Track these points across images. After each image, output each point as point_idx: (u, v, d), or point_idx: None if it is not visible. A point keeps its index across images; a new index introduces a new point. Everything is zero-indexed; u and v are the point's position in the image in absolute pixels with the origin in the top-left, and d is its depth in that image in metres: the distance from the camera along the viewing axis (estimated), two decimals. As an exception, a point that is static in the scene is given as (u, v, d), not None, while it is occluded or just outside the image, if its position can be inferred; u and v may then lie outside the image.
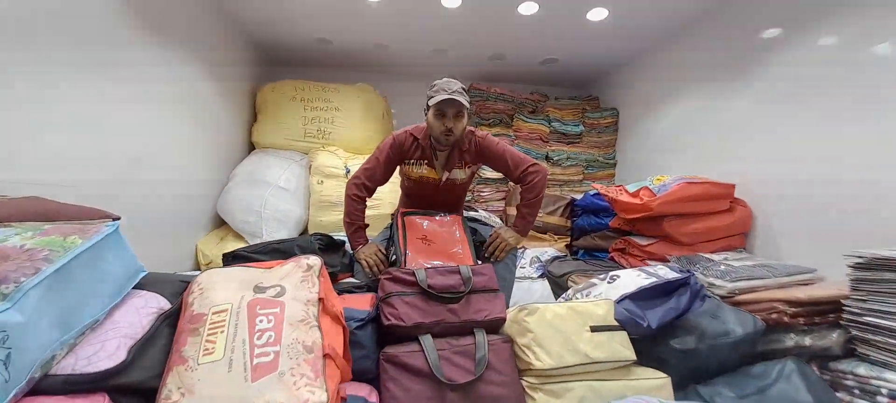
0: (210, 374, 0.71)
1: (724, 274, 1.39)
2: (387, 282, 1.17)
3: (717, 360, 1.11)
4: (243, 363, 0.72)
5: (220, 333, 0.77)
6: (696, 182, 1.73)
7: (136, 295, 0.82)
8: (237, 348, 0.75)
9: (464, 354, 1.06)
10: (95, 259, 0.74)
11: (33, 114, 1.29)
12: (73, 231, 0.75)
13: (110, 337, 0.71)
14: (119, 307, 0.77)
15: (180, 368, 0.72)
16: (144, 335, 0.75)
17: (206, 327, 0.78)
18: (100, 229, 0.77)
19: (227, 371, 0.71)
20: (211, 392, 0.68)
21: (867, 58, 1.42)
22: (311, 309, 0.88)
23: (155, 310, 0.81)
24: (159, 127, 1.97)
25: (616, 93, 3.17)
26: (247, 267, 0.98)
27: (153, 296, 0.83)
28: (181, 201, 2.24)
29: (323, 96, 2.98)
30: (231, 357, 0.73)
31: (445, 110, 1.44)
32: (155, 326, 0.78)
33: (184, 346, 0.75)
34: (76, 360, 0.66)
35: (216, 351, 0.74)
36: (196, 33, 2.29)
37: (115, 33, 1.66)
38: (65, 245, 0.70)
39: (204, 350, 0.74)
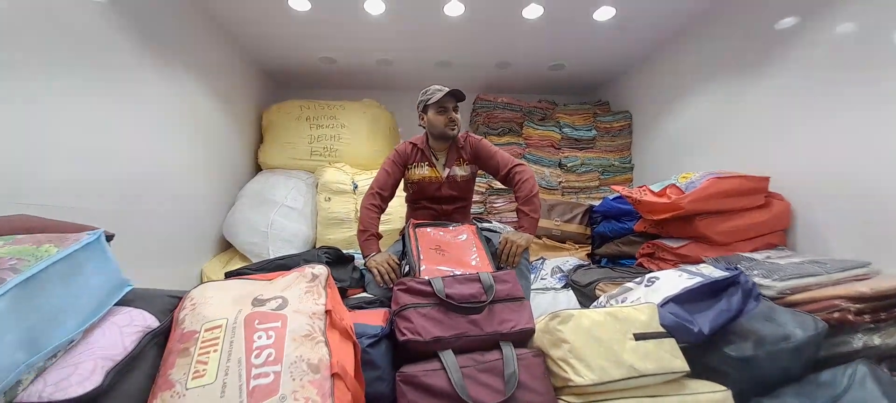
0: (200, 400, 0.60)
1: (771, 272, 1.26)
2: (401, 294, 1.07)
3: (779, 368, 0.97)
4: (239, 386, 0.62)
5: (213, 352, 0.66)
6: (727, 176, 1.61)
7: (120, 312, 0.72)
8: (232, 369, 0.64)
9: (491, 371, 0.93)
10: (72, 270, 0.65)
11: (39, 139, 1.28)
12: (48, 240, 0.66)
13: (85, 359, 0.61)
14: (99, 325, 0.68)
15: (166, 394, 0.61)
16: (126, 357, 0.65)
17: (197, 346, 0.68)
18: (79, 238, 0.69)
19: (219, 397, 0.61)
20: (200, 421, 0.58)
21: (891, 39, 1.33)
22: (317, 323, 0.77)
23: (140, 329, 0.71)
24: (165, 150, 1.97)
25: (627, 96, 3.09)
26: (246, 280, 0.89)
27: (139, 313, 0.74)
28: (186, 224, 2.20)
29: (328, 113, 2.95)
30: (225, 380, 0.63)
31: (446, 104, 1.60)
32: (139, 347, 0.68)
33: (171, 369, 0.65)
34: (45, 386, 0.56)
35: (208, 374, 0.63)
36: (201, 56, 2.30)
37: (119, 55, 1.68)
38: (37, 254, 0.62)
39: (194, 373, 0.63)
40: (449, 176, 1.68)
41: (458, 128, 1.63)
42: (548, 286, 1.85)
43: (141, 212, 1.75)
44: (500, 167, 1.61)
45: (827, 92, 1.56)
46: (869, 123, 1.41)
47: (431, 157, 1.68)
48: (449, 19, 2.36)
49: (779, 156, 1.73)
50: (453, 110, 1.61)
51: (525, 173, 1.56)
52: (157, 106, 1.89)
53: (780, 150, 1.73)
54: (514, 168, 1.58)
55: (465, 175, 1.71)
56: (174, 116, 2.03)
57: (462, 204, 1.77)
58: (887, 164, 1.34)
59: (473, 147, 1.67)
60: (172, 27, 2.02)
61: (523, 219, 1.50)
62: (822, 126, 1.57)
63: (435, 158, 1.69)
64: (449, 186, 1.69)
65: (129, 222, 1.66)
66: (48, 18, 1.33)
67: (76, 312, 0.64)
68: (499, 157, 1.63)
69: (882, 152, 1.36)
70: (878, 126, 1.38)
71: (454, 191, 1.71)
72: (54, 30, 1.34)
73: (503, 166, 1.60)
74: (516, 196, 1.55)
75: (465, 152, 1.68)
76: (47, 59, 1.31)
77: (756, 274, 1.24)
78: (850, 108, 1.47)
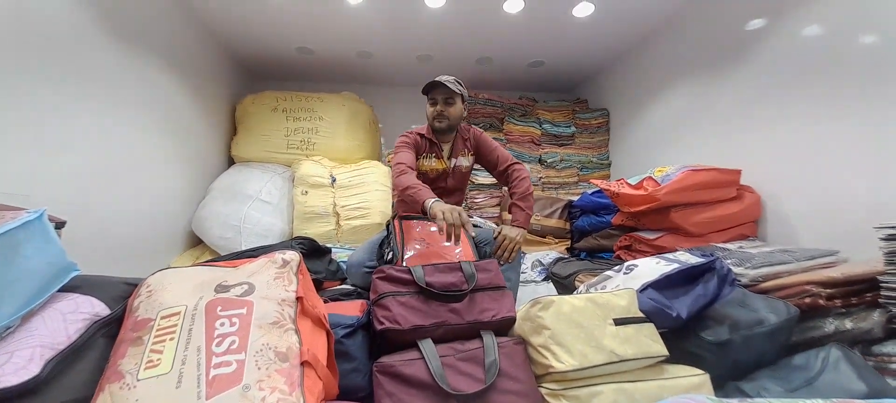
0: (153, 392, 0.55)
1: (743, 261, 1.29)
2: (379, 282, 1.03)
3: (754, 352, 0.99)
4: (197, 376, 0.57)
5: (169, 341, 0.61)
6: (701, 169, 1.65)
7: (64, 298, 0.66)
8: (190, 358, 0.59)
9: (471, 360, 0.91)
10: (8, 250, 0.58)
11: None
12: (-20, 217, 0.59)
13: (22, 348, 0.54)
14: (39, 312, 0.61)
15: (114, 386, 0.55)
16: (71, 346, 0.59)
17: (151, 334, 0.62)
18: (17, 215, 0.62)
19: (174, 388, 0.55)
20: (152, 413, 0.53)
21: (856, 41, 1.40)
22: (286, 310, 0.72)
23: (87, 317, 0.65)
24: (130, 141, 1.87)
25: (604, 95, 3.15)
26: (209, 267, 0.83)
27: (86, 300, 0.67)
28: (154, 218, 2.10)
29: (306, 106, 2.87)
30: (181, 369, 0.57)
31: (435, 96, 1.59)
32: (86, 336, 0.62)
33: (121, 359, 0.59)
34: (-32, 379, 0.50)
35: (162, 363, 0.58)
36: (170, 44, 2.20)
37: (84, 41, 1.58)
38: (-37, 233, 0.55)
39: (147, 363, 0.58)
40: (455, 166, 1.68)
41: (447, 120, 1.58)
42: (528, 279, 1.85)
43: (103, 205, 1.66)
44: (500, 162, 1.65)
45: (794, 89, 1.62)
46: (833, 119, 1.46)
47: (439, 149, 1.66)
48: (429, 10, 2.34)
49: (750, 150, 1.78)
50: (443, 101, 1.58)
51: (523, 171, 1.62)
52: (120, 92, 1.79)
53: (751, 144, 1.79)
54: (513, 165, 1.63)
55: (467, 166, 1.72)
56: (139, 104, 1.93)
57: (458, 196, 1.77)
58: (851, 156, 1.40)
59: (476, 139, 1.70)
60: (139, 10, 1.91)
61: (518, 213, 1.52)
62: (790, 121, 1.63)
63: (441, 149, 1.67)
64: (453, 177, 1.69)
65: (91, 215, 1.57)
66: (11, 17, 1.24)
67: (12, 296, 0.57)
68: (499, 153, 1.68)
69: (846, 145, 1.42)
70: (842, 121, 1.44)
71: (456, 182, 1.72)
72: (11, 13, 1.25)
73: (502, 162, 1.65)
74: (512, 191, 1.59)
75: (469, 143, 1.70)
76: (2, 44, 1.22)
77: (730, 262, 1.26)
78: (817, 104, 1.53)
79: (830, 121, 1.48)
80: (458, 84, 1.60)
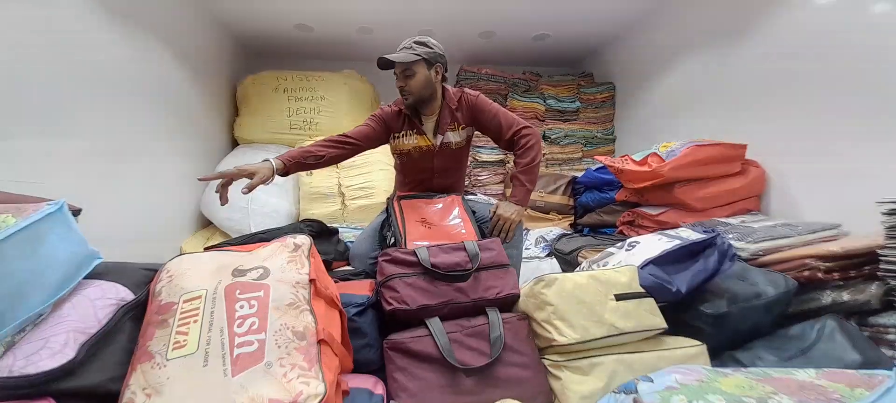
0: (182, 370, 0.59)
1: (745, 235, 1.31)
2: (386, 264, 1.06)
3: (751, 324, 1.02)
4: (222, 355, 0.61)
5: (194, 323, 0.65)
6: (707, 144, 1.64)
7: (91, 285, 0.69)
8: (214, 339, 0.63)
9: (477, 335, 0.95)
10: (34, 241, 0.61)
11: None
12: (6, 209, 0.62)
13: (57, 333, 0.58)
14: (68, 299, 0.65)
15: (146, 366, 0.59)
16: (101, 330, 0.63)
17: (176, 317, 0.65)
18: (39, 208, 0.64)
19: (201, 366, 0.59)
20: (183, 390, 0.57)
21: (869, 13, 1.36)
22: (301, 292, 0.76)
23: (114, 302, 0.68)
24: (136, 125, 1.87)
25: (610, 68, 3.09)
26: (224, 251, 0.86)
27: (112, 286, 0.71)
28: (163, 202, 2.13)
29: (307, 85, 2.84)
30: (207, 349, 0.61)
31: (395, 73, 1.37)
32: (114, 320, 0.66)
33: (150, 341, 0.63)
34: (15, 360, 0.54)
35: (189, 344, 0.62)
36: (170, 26, 2.17)
37: (89, 30, 1.57)
38: (-7, 225, 0.58)
39: (174, 344, 0.62)
40: (443, 143, 1.43)
41: (411, 95, 1.36)
42: (532, 255, 1.88)
43: (112, 190, 1.68)
44: (504, 129, 1.38)
45: (804, 63, 1.58)
46: (843, 93, 1.44)
47: (419, 124, 1.43)
48: (430, -19, 2.27)
49: (756, 124, 1.76)
50: (403, 77, 1.35)
51: (532, 138, 1.36)
52: (124, 78, 1.78)
53: (758, 118, 1.76)
54: (521, 131, 1.37)
55: (461, 141, 1.46)
56: (142, 88, 1.92)
57: (456, 176, 1.56)
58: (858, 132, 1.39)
59: (470, 106, 1.42)
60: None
61: (518, 189, 1.35)
62: (798, 94, 1.60)
63: (422, 124, 1.44)
64: (442, 156, 1.46)
65: (102, 200, 1.59)
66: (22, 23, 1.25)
67: (42, 286, 0.61)
68: (502, 117, 1.39)
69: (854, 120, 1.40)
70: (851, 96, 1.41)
71: (448, 161, 1.48)
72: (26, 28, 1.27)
73: (507, 128, 1.38)
74: (517, 162, 1.37)
75: (461, 113, 1.43)
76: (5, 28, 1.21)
77: (731, 237, 1.28)
78: (826, 77, 1.50)
79: (840, 95, 1.45)
80: (421, 45, 1.36)
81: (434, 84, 1.38)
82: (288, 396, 0.58)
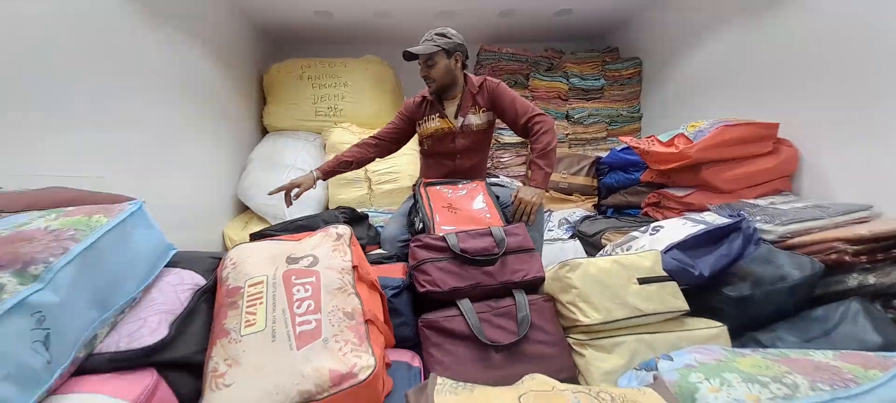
0: (254, 345, 0.69)
1: (773, 217, 1.30)
2: (418, 250, 1.13)
3: (774, 306, 1.05)
4: (286, 332, 0.70)
5: (260, 305, 0.74)
6: (736, 124, 1.61)
7: (170, 272, 0.80)
8: (278, 318, 0.72)
9: (505, 315, 1.02)
10: (123, 237, 0.71)
11: (54, 110, 1.30)
12: (97, 210, 0.72)
13: (151, 314, 0.69)
14: (154, 285, 0.75)
15: (224, 341, 0.70)
16: (184, 310, 0.73)
17: (244, 300, 0.75)
18: (123, 208, 0.74)
19: (270, 341, 0.69)
20: (257, 361, 0.66)
21: None
22: (346, 277, 0.84)
23: (191, 287, 0.79)
24: (175, 118, 1.98)
25: (637, 42, 2.99)
26: (276, 241, 0.95)
27: (187, 273, 0.81)
28: (203, 188, 2.27)
29: (330, 72, 2.90)
30: (273, 327, 0.71)
31: (419, 64, 1.53)
32: (193, 302, 0.76)
33: (225, 319, 0.73)
34: (119, 338, 0.64)
35: (258, 322, 0.71)
36: (198, 18, 2.24)
37: (134, 32, 1.66)
38: (90, 224, 0.68)
39: (246, 322, 0.71)
40: (463, 125, 1.55)
41: (434, 82, 1.51)
42: (555, 237, 1.91)
43: (157, 179, 1.79)
44: (519, 115, 1.48)
45: (841, 36, 1.51)
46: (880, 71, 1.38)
47: (441, 108, 1.57)
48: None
49: (790, 101, 1.71)
50: (426, 67, 1.50)
51: (545, 124, 1.44)
52: (163, 74, 1.88)
53: (792, 95, 1.71)
54: (534, 117, 1.45)
55: (481, 123, 1.57)
56: (179, 82, 2.02)
57: (478, 158, 1.65)
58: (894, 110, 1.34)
59: (491, 92, 1.54)
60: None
61: (536, 173, 1.41)
62: (834, 70, 1.54)
63: (443, 108, 1.58)
64: (464, 137, 1.57)
65: (148, 188, 1.69)
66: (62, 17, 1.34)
67: (133, 275, 0.71)
68: (518, 104, 1.49)
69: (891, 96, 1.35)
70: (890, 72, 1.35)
71: (469, 141, 1.58)
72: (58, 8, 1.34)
73: (522, 114, 1.47)
74: (533, 147, 1.46)
75: (482, 98, 1.55)
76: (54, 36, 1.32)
77: (758, 219, 1.29)
78: (864, 53, 1.43)
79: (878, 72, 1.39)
80: (441, 36, 1.49)
81: (454, 71, 1.53)
82: (345, 367, 0.67)
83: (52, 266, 0.58)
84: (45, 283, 0.56)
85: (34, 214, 0.69)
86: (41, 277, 0.56)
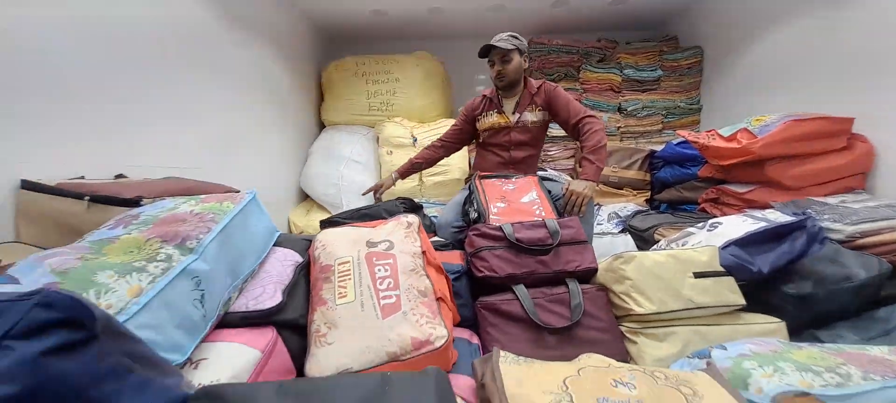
0: (347, 313, 0.82)
1: (842, 216, 1.25)
2: (475, 238, 1.22)
3: (836, 305, 1.03)
4: (372, 303, 0.83)
5: (349, 280, 0.87)
6: (806, 119, 1.54)
7: (277, 251, 0.96)
8: (365, 292, 0.85)
9: (558, 302, 1.09)
10: (245, 220, 0.87)
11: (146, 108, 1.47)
12: (224, 198, 0.88)
13: (268, 283, 0.84)
14: (267, 260, 0.91)
15: (322, 308, 0.84)
16: (291, 281, 0.88)
17: (335, 275, 0.89)
18: (243, 197, 0.90)
19: (360, 310, 0.82)
20: (351, 326, 0.80)
21: None
22: (418, 260, 0.96)
23: (292, 263, 0.94)
24: (244, 113, 2.16)
25: (699, 29, 2.85)
26: (353, 227, 1.09)
27: (290, 252, 0.97)
28: (270, 178, 2.50)
29: (383, 69, 3.05)
30: (361, 299, 0.84)
31: (492, 58, 1.67)
32: (296, 275, 0.91)
33: (321, 291, 0.87)
34: (247, 301, 0.80)
35: (348, 295, 0.85)
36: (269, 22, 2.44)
37: (209, 33, 1.85)
38: (222, 209, 0.84)
39: (339, 294, 0.85)
40: (519, 121, 1.71)
41: (506, 78, 1.66)
42: (604, 231, 1.93)
43: (229, 169, 1.95)
44: (571, 116, 1.62)
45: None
46: None
47: (499, 105, 1.74)
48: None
49: (866, 95, 1.59)
50: (500, 61, 1.65)
51: (596, 124, 1.57)
52: (234, 72, 2.05)
53: (868, 89, 1.59)
54: (585, 118, 1.59)
55: (537, 121, 1.72)
56: (248, 80, 2.20)
57: (531, 151, 1.78)
58: None
59: (548, 93, 1.70)
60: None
61: (587, 167, 1.50)
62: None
63: (502, 105, 1.74)
64: (519, 131, 1.73)
65: (224, 177, 1.77)
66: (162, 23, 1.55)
67: (253, 250, 0.87)
68: (572, 107, 1.64)
69: None
70: None
71: (524, 136, 1.73)
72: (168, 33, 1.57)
73: (574, 115, 1.61)
74: (583, 145, 1.56)
75: (538, 98, 1.71)
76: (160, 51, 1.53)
77: (826, 218, 1.24)
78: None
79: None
80: (514, 38, 1.65)
81: (523, 71, 1.70)
82: (423, 335, 0.79)
83: (202, 241, 0.74)
84: (198, 255, 0.72)
85: (178, 200, 0.87)
86: (195, 250, 0.72)
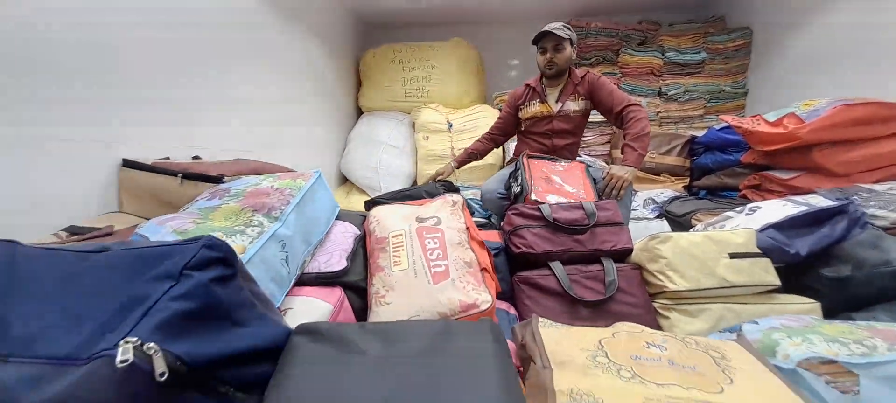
0: (402, 279, 0.93)
1: (889, 203, 1.22)
2: (513, 217, 1.30)
3: (874, 289, 1.02)
4: (425, 271, 0.93)
5: (402, 251, 0.98)
6: (858, 103, 1.48)
7: (338, 224, 1.08)
8: (417, 261, 0.95)
9: (593, 278, 1.15)
10: (314, 195, 0.99)
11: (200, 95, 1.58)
12: (296, 176, 1.01)
13: (334, 250, 0.97)
14: (332, 230, 1.04)
15: (380, 274, 0.95)
16: (352, 249, 1.01)
17: (390, 246, 1.00)
18: (311, 175, 1.03)
19: (414, 277, 0.92)
20: (406, 289, 0.91)
21: None
22: (463, 235, 1.05)
23: (352, 235, 1.06)
24: (290, 99, 2.30)
25: (748, 9, 2.72)
26: (404, 205, 1.20)
27: (348, 225, 1.09)
28: (312, 161, 2.65)
29: (419, 55, 3.12)
30: (414, 267, 0.94)
31: (545, 44, 1.69)
32: (356, 245, 1.04)
33: (378, 259, 0.98)
34: (318, 264, 0.93)
35: (402, 263, 0.95)
36: (312, 11, 2.57)
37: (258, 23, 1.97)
38: (296, 185, 0.96)
39: (394, 262, 0.96)
40: (561, 110, 1.75)
41: (556, 66, 1.69)
42: (640, 216, 1.95)
43: (276, 152, 2.06)
44: (615, 104, 1.64)
45: None
46: None
47: (543, 93, 1.78)
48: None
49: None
50: (553, 49, 1.68)
51: (639, 112, 1.59)
52: (281, 60, 2.19)
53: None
54: (629, 106, 1.61)
55: (578, 110, 1.75)
56: (294, 68, 2.34)
57: (572, 139, 1.82)
58: None
59: (591, 83, 1.72)
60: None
61: (629, 153, 1.54)
62: None
63: (546, 94, 1.78)
64: (561, 120, 1.77)
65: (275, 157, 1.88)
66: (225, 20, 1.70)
67: (321, 222, 1.00)
68: (615, 96, 1.66)
69: None
70: None
71: (566, 124, 1.77)
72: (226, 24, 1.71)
73: (618, 104, 1.63)
74: (626, 132, 1.59)
75: (581, 88, 1.73)
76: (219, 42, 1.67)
77: (872, 204, 1.22)
78: None
79: None
80: (567, 28, 1.68)
81: (572, 61, 1.73)
82: (469, 299, 0.88)
83: (284, 211, 0.87)
84: (282, 222, 0.85)
85: (260, 178, 1.00)
86: (280, 218, 0.85)
